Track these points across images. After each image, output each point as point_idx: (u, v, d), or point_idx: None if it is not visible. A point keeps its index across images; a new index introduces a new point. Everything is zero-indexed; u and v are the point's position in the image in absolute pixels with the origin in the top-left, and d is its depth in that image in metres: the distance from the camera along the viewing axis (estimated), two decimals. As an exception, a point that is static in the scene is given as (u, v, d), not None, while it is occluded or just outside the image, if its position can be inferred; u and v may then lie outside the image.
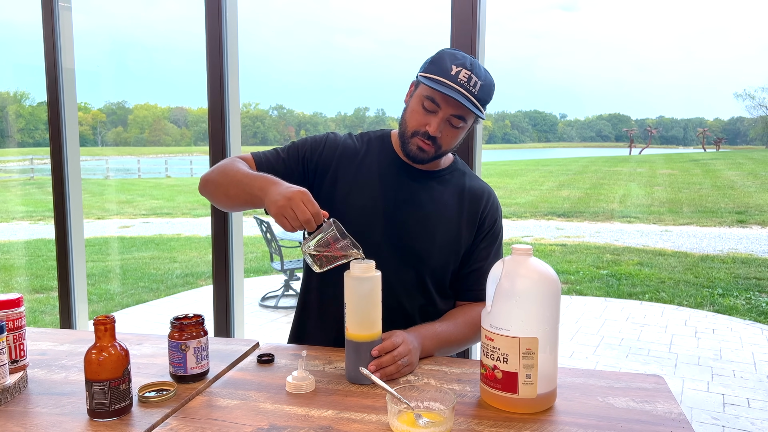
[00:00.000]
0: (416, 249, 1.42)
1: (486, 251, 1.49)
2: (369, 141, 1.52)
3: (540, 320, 1.06)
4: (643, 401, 1.13)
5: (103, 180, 21.27)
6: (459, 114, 1.35)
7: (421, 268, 1.43)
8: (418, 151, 1.39)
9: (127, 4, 33.01)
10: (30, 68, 16.92)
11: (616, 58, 64.15)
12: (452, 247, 1.45)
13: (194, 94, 36.99)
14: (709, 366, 4.43)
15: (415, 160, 1.42)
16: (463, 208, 1.47)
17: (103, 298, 6.72)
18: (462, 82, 1.32)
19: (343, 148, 1.49)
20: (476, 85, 1.33)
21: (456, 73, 1.32)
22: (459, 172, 1.53)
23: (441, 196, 1.47)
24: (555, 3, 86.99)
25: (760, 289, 6.95)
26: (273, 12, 55.12)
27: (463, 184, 1.50)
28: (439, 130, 1.36)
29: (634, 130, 40.76)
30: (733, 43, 52.01)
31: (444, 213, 1.45)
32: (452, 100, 1.32)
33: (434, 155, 1.40)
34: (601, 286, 7.17)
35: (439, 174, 1.49)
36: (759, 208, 12.42)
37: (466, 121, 1.38)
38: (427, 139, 1.37)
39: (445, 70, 1.33)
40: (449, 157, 1.54)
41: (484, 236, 1.49)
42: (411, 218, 1.43)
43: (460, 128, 1.38)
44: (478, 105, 1.34)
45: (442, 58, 1.36)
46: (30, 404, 1.12)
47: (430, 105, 1.35)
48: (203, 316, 1.22)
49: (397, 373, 1.21)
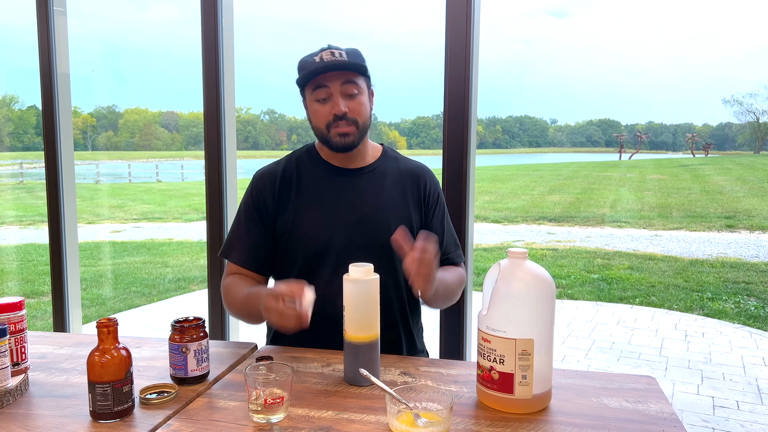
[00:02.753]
0: (378, 243, 1.45)
1: (439, 224, 1.57)
2: (297, 159, 1.56)
3: (535, 322, 1.09)
4: (636, 401, 1.15)
5: (94, 184, 21.16)
6: (347, 80, 1.41)
7: (389, 259, 1.46)
8: (341, 137, 1.43)
9: (120, 8, 32.93)
10: (20, 72, 16.83)
11: (606, 64, 65.20)
12: (408, 229, 1.49)
13: (185, 98, 36.90)
14: (699, 369, 4.48)
15: (344, 147, 1.45)
16: (405, 191, 1.53)
17: (95, 302, 6.69)
18: (328, 60, 1.40)
19: (273, 178, 1.52)
20: (342, 54, 1.42)
21: (319, 58, 1.41)
22: (390, 158, 1.58)
23: (382, 186, 1.52)
24: (545, 9, 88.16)
25: (748, 293, 7.02)
26: (265, 15, 55.19)
27: (398, 169, 1.56)
28: (342, 105, 1.41)
29: (624, 135, 41.04)
30: (722, 49, 52.79)
31: (389, 202, 1.50)
32: (332, 74, 1.39)
33: (357, 133, 1.44)
34: (592, 290, 7.22)
35: (374, 166, 1.54)
36: (747, 213, 12.54)
37: (358, 84, 1.43)
38: (340, 120, 1.41)
39: (309, 63, 1.42)
40: (377, 148, 1.59)
41: (432, 210, 1.56)
42: (363, 216, 1.47)
43: (359, 94, 1.43)
44: (357, 64, 1.42)
45: (303, 61, 1.46)
46: (32, 407, 1.13)
47: (322, 92, 1.42)
48: (204, 319, 1.23)
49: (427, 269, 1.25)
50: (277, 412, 1.06)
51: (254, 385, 1.06)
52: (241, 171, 2.87)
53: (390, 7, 52.44)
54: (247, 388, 1.07)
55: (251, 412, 1.07)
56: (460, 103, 2.07)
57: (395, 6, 46.35)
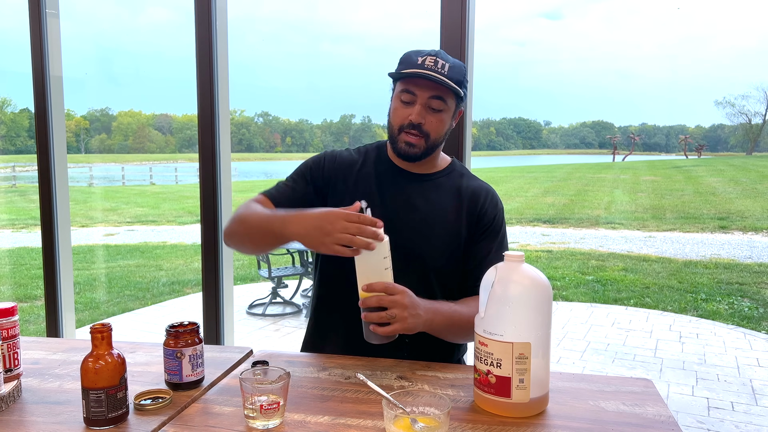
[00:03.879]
0: (417, 252, 1.43)
1: (487, 247, 1.48)
2: (366, 152, 1.55)
3: (533, 325, 1.08)
4: (633, 404, 1.15)
5: (87, 187, 21.07)
6: (436, 95, 1.39)
7: (424, 270, 1.45)
8: (407, 146, 1.42)
9: (113, 11, 32.85)
10: (12, 75, 16.73)
11: (599, 66, 65.42)
12: (453, 247, 1.47)
13: (179, 100, 36.78)
14: (694, 370, 4.49)
15: (407, 157, 1.44)
16: (461, 208, 1.49)
17: (89, 306, 6.66)
18: (429, 66, 1.37)
19: (341, 161, 1.52)
20: (444, 66, 1.38)
21: (422, 61, 1.38)
22: (456, 173, 1.55)
23: (437, 197, 1.49)
24: (539, 11, 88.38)
25: (742, 294, 7.05)
26: (259, 18, 55.26)
27: (460, 185, 1.52)
28: (422, 116, 1.39)
29: (618, 137, 41.19)
30: (714, 51, 53.09)
31: (441, 214, 1.47)
32: (424, 83, 1.37)
33: (425, 147, 1.43)
34: (587, 292, 7.23)
35: (436, 176, 1.52)
36: (740, 214, 12.61)
37: (445, 102, 1.41)
38: (413, 129, 1.40)
39: (412, 62, 1.39)
40: (446, 159, 1.57)
41: (483, 232, 1.49)
42: (409, 222, 1.45)
43: (442, 111, 1.41)
44: (451, 84, 1.38)
45: (407, 56, 1.42)
46: (25, 413, 1.12)
47: (407, 96, 1.40)
48: (198, 324, 1.22)
49: (377, 318, 1.21)
50: (273, 417, 1.05)
51: (250, 390, 1.05)
52: (235, 173, 2.86)
53: (384, 10, 52.49)
54: (243, 394, 1.06)
55: (247, 417, 1.06)
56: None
57: (389, 8, 46.52)
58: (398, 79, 1.42)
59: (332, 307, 1.51)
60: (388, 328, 1.21)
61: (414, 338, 1.35)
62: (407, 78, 1.39)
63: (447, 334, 1.39)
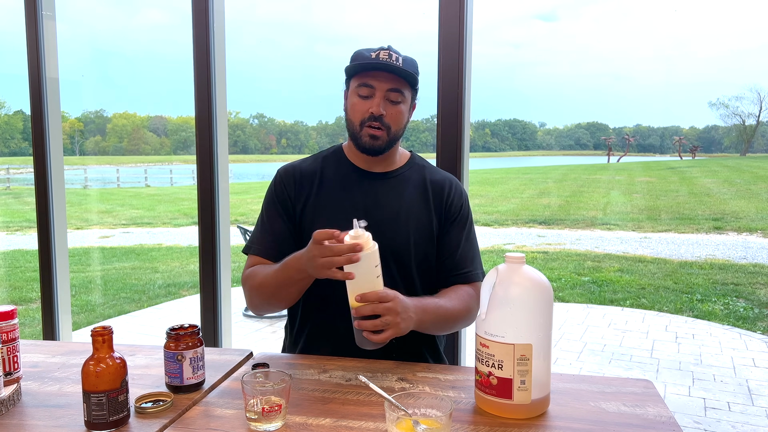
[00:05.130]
0: (394, 248, 1.44)
1: (458, 237, 1.52)
2: (324, 159, 1.56)
3: (534, 327, 1.09)
4: (634, 405, 1.15)
5: (82, 190, 20.98)
6: (394, 87, 1.41)
7: (404, 266, 1.46)
8: (371, 140, 1.43)
9: (109, 13, 32.76)
10: (6, 77, 16.67)
11: (594, 67, 65.65)
12: (427, 239, 1.49)
13: (174, 102, 36.69)
14: (690, 371, 4.50)
15: (371, 150, 1.45)
16: (428, 200, 1.51)
17: (85, 309, 6.63)
18: (384, 60, 1.39)
19: (301, 174, 1.52)
20: (398, 60, 1.41)
21: (376, 56, 1.40)
22: (418, 166, 1.57)
23: (405, 192, 1.51)
24: (535, 13, 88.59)
25: (737, 295, 7.07)
26: (255, 20, 55.00)
27: (425, 177, 1.54)
28: (382, 108, 1.40)
29: (612, 138, 41.28)
30: (708, 52, 53.35)
31: (411, 208, 1.49)
32: (383, 75, 1.39)
33: (387, 140, 1.44)
34: (583, 293, 7.24)
35: (399, 172, 1.53)
36: (735, 215, 12.65)
37: (403, 94, 1.42)
38: (374, 121, 1.41)
39: (366, 57, 1.42)
40: (405, 154, 1.58)
41: (452, 222, 1.53)
42: (382, 220, 1.44)
43: (400, 103, 1.43)
44: (409, 72, 1.40)
45: (359, 53, 1.45)
46: (25, 417, 1.11)
47: (366, 90, 1.41)
48: (199, 327, 1.22)
49: (371, 326, 1.21)
50: (275, 420, 1.05)
51: (252, 392, 1.05)
52: (230, 175, 2.86)
53: (381, 12, 52.55)
54: (245, 396, 1.06)
55: (249, 420, 1.06)
56: (454, 108, 2.08)
57: (386, 11, 46.48)
58: (353, 75, 1.44)
59: (320, 310, 1.50)
60: (382, 336, 1.22)
61: (401, 337, 1.36)
62: (364, 72, 1.40)
63: (434, 329, 1.42)
